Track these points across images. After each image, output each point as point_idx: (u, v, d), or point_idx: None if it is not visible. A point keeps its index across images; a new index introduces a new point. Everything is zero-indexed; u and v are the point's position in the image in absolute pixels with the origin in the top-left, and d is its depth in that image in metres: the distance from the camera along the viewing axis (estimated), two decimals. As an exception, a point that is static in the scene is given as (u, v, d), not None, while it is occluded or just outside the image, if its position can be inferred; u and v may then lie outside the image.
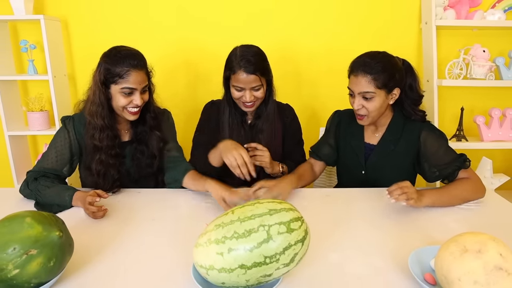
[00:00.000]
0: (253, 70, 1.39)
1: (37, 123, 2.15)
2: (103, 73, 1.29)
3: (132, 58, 1.29)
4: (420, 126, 1.40)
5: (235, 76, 1.41)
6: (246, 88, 1.41)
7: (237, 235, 0.78)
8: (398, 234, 1.08)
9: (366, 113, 1.35)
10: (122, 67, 1.27)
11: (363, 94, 1.32)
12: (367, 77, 1.30)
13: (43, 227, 0.81)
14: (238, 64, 1.39)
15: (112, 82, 1.30)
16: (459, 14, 2.07)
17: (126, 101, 1.31)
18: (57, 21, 2.15)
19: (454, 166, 1.31)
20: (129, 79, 1.29)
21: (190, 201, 1.33)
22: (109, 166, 1.35)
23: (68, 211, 1.24)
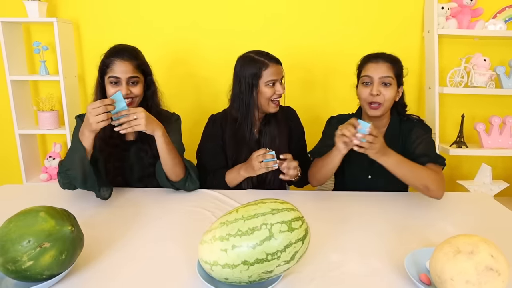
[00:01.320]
0: (278, 60, 1.45)
1: (47, 122, 2.18)
2: (99, 68, 1.39)
3: (120, 50, 1.38)
4: (413, 123, 1.45)
5: (268, 71, 1.42)
6: (277, 80, 1.44)
7: (241, 232, 0.81)
8: (396, 237, 1.10)
9: (382, 101, 1.36)
10: (108, 58, 1.36)
11: (383, 79, 1.35)
12: (388, 64, 1.36)
13: (56, 222, 0.84)
14: (265, 59, 1.43)
15: (104, 74, 1.37)
16: (461, 23, 2.10)
17: (113, 91, 1.35)
18: (69, 24, 2.19)
19: (426, 158, 1.33)
20: (113, 68, 1.34)
21: (197, 202, 1.35)
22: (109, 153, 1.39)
23: (80, 208, 1.25)
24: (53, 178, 2.28)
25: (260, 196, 1.38)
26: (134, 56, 1.39)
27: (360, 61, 1.45)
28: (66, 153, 1.34)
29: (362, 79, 1.41)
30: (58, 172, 1.34)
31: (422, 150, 1.37)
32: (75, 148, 1.26)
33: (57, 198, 1.37)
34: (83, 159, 1.24)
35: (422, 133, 1.42)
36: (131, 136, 1.49)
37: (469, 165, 2.27)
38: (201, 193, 1.44)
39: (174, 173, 1.38)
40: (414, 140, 1.40)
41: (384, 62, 1.37)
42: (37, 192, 1.48)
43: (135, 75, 1.38)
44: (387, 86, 1.36)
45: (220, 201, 1.37)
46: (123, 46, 1.41)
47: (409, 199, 1.40)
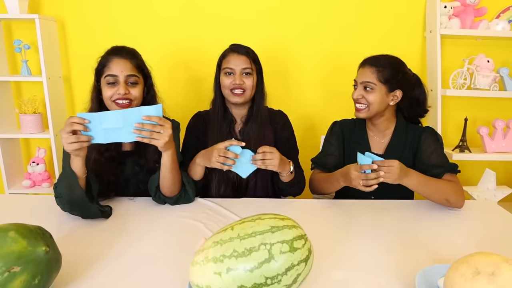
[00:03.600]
0: (244, 52, 1.44)
1: (30, 126, 2.11)
2: (95, 70, 1.32)
3: (118, 49, 1.32)
4: (422, 129, 1.46)
5: (226, 59, 1.45)
6: (236, 71, 1.42)
7: (237, 253, 0.74)
8: (403, 251, 1.05)
9: (366, 105, 1.40)
10: (105, 57, 1.31)
11: (365, 84, 1.38)
12: (372, 69, 1.38)
13: (27, 242, 0.77)
14: (229, 50, 1.46)
15: (101, 75, 1.30)
16: (463, 23, 2.06)
17: (111, 92, 1.27)
18: (53, 21, 2.12)
19: (442, 169, 1.35)
20: (110, 66, 1.29)
21: (188, 212, 1.29)
22: (104, 167, 1.31)
23: (59, 221, 1.18)
24: (36, 184, 2.21)
25: (256, 205, 1.37)
26: (133, 54, 1.33)
27: None
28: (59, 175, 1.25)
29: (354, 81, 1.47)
30: (55, 196, 1.25)
31: (436, 160, 1.38)
32: (65, 172, 1.18)
33: (37, 210, 1.30)
34: (74, 187, 1.15)
35: (433, 141, 1.42)
36: (128, 145, 1.41)
37: (472, 170, 2.23)
38: (195, 203, 1.38)
39: (169, 190, 1.32)
40: (426, 149, 1.40)
41: (369, 68, 1.39)
42: (15, 203, 1.40)
43: (134, 74, 1.31)
44: (367, 91, 1.39)
45: (213, 211, 1.31)
46: (121, 46, 1.36)
47: (413, 207, 1.37)
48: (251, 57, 1.44)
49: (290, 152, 1.54)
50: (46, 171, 2.22)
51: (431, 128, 1.48)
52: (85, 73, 1.77)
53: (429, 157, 1.39)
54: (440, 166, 1.36)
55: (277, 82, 2.19)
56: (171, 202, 1.34)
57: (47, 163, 2.24)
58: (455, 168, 1.36)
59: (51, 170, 2.25)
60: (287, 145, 1.55)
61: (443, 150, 1.42)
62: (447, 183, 1.32)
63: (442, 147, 1.42)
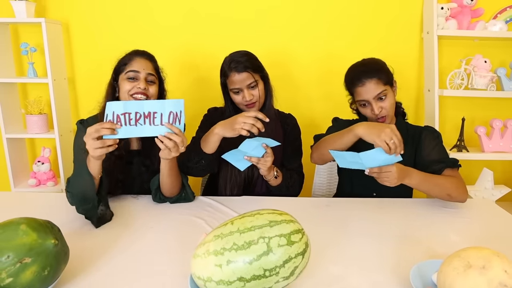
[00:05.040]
0: (243, 68, 1.42)
1: (35, 126, 2.13)
2: (114, 68, 1.36)
3: (140, 51, 1.39)
4: (422, 128, 1.46)
5: (230, 80, 1.44)
6: (243, 88, 1.43)
7: (237, 246, 0.76)
8: (399, 247, 1.06)
9: (386, 113, 1.38)
10: (128, 56, 1.36)
11: (378, 96, 1.36)
12: (374, 80, 1.35)
13: (38, 235, 0.80)
14: (229, 68, 1.44)
15: (120, 73, 1.34)
16: (460, 24, 2.07)
17: (130, 86, 1.32)
18: (58, 24, 2.14)
19: (442, 164, 1.35)
20: (132, 63, 1.33)
21: (190, 210, 1.31)
22: (113, 165, 1.33)
23: (67, 218, 1.20)
24: (42, 183, 2.23)
25: (255, 202, 1.40)
26: (153, 58, 1.41)
27: (346, 83, 1.44)
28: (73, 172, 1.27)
29: (358, 102, 1.42)
30: (66, 190, 1.27)
31: (436, 156, 1.39)
32: (80, 172, 1.19)
33: (45, 207, 1.32)
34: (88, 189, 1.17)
35: (433, 138, 1.43)
36: (136, 144, 1.44)
37: (470, 170, 2.22)
38: (196, 202, 1.40)
39: (169, 192, 1.35)
40: (427, 146, 1.41)
41: (370, 81, 1.35)
42: (24, 200, 1.42)
43: (154, 73, 1.37)
44: (383, 100, 1.37)
45: (214, 208, 1.33)
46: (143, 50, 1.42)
47: (410, 205, 1.37)
48: (251, 70, 1.42)
49: (295, 154, 1.59)
50: (51, 170, 2.24)
51: (430, 127, 1.49)
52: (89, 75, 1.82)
53: (429, 153, 1.39)
54: (440, 161, 1.36)
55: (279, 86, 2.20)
56: (171, 201, 1.36)
57: (52, 163, 2.26)
58: (456, 163, 1.35)
59: (55, 169, 2.27)
60: (293, 147, 1.59)
61: (443, 146, 1.42)
62: (448, 178, 1.31)
63: (442, 143, 1.42)
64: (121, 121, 1.13)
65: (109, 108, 1.12)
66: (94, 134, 1.09)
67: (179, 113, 1.18)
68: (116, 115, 1.12)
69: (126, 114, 1.13)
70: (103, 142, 1.10)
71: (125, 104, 1.13)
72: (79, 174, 1.19)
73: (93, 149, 1.10)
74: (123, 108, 1.13)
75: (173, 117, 1.17)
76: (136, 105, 1.14)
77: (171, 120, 1.17)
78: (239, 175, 1.49)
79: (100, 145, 1.10)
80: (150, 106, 1.15)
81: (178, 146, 1.18)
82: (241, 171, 1.48)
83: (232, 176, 1.49)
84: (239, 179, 1.49)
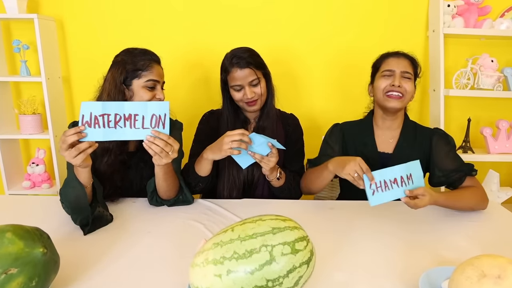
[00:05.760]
0: (246, 64, 1.39)
1: (29, 126, 2.09)
2: (123, 70, 1.26)
3: (151, 53, 1.33)
4: (432, 130, 1.43)
5: (231, 76, 1.40)
6: (244, 85, 1.39)
7: (237, 255, 0.73)
8: (406, 252, 1.03)
9: (404, 93, 1.38)
10: (144, 61, 1.28)
11: (404, 74, 1.38)
12: (407, 60, 1.40)
13: (25, 243, 0.76)
14: (230, 63, 1.40)
15: (134, 77, 1.27)
16: (467, 22, 2.03)
17: (150, 95, 1.27)
18: (52, 21, 2.10)
19: (461, 173, 1.33)
20: (153, 71, 1.29)
21: (189, 213, 1.27)
22: (114, 170, 1.30)
23: (56, 224, 1.17)
24: (36, 185, 2.19)
25: (256, 205, 1.36)
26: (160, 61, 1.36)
27: (379, 58, 1.47)
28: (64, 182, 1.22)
29: (382, 73, 1.41)
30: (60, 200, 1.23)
31: (453, 164, 1.36)
32: (70, 181, 1.15)
33: (38, 211, 1.29)
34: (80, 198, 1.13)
35: (445, 143, 1.40)
36: (132, 146, 1.39)
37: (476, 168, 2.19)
38: (193, 203, 1.36)
39: (166, 195, 1.31)
40: (438, 153, 1.39)
41: (404, 59, 1.40)
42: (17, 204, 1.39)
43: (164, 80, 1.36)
44: (408, 80, 1.39)
45: (214, 212, 1.29)
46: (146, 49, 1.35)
47: None
48: (254, 66, 1.39)
49: (297, 155, 1.55)
50: (46, 172, 2.20)
51: (441, 130, 1.46)
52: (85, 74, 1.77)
53: (443, 161, 1.37)
54: (458, 170, 1.34)
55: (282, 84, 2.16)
56: (168, 204, 1.33)
57: (47, 164, 2.22)
58: (474, 170, 1.35)
59: (51, 171, 2.23)
60: (295, 148, 1.55)
61: (456, 151, 1.40)
62: (470, 192, 1.30)
63: (454, 148, 1.41)
64: (99, 123, 1.06)
65: (86, 108, 1.05)
66: (63, 145, 1.03)
67: (163, 116, 1.11)
68: (94, 116, 1.05)
69: (104, 116, 1.06)
70: (77, 148, 1.04)
71: (104, 105, 1.07)
72: (70, 184, 1.15)
73: (72, 159, 1.04)
74: (101, 109, 1.06)
75: (156, 120, 1.10)
76: (115, 106, 1.07)
77: (153, 124, 1.10)
78: (238, 178, 1.45)
79: (76, 152, 1.04)
80: (132, 107, 1.09)
81: (165, 151, 1.11)
82: (241, 174, 1.45)
83: (230, 178, 1.45)
84: (238, 181, 1.45)
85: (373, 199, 1.17)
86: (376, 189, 1.18)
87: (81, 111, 1.05)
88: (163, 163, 1.15)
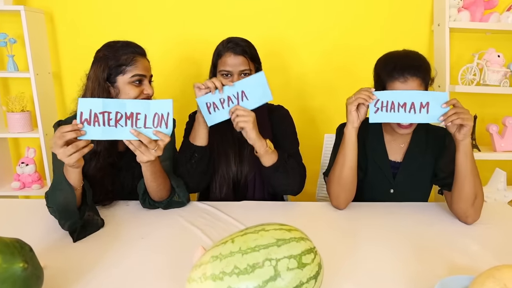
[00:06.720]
0: (241, 51, 1.33)
1: (18, 124, 2.01)
2: (106, 67, 1.18)
3: (134, 45, 1.24)
4: (445, 132, 1.25)
5: (222, 60, 1.34)
6: (234, 73, 1.32)
7: (238, 270, 0.67)
8: (416, 258, 0.99)
9: None
10: (127, 54, 1.19)
11: None
12: (418, 81, 1.17)
13: (3, 258, 0.70)
14: (225, 47, 1.34)
15: (119, 74, 1.19)
16: (473, 16, 1.98)
17: (137, 91, 1.20)
18: (41, 13, 2.02)
19: None
20: (138, 65, 1.20)
21: (185, 217, 1.21)
22: (104, 174, 1.23)
23: (43, 230, 1.10)
24: (26, 186, 2.12)
25: (256, 208, 1.29)
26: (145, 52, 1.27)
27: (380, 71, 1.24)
28: (51, 184, 1.16)
29: None
30: (46, 205, 1.17)
31: None
32: (58, 183, 1.08)
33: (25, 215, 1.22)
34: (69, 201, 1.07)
35: None
36: (122, 146, 1.32)
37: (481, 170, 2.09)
38: (190, 205, 1.31)
39: (157, 196, 1.24)
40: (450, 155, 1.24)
41: (413, 80, 1.16)
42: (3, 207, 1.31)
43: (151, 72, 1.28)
44: None
45: (211, 215, 1.23)
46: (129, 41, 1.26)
47: (422, 210, 1.31)
48: (249, 56, 1.34)
49: (290, 144, 1.45)
50: (36, 172, 2.13)
51: None
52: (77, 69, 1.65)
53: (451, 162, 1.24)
54: None
55: (276, 77, 2.10)
56: (162, 207, 1.26)
57: (37, 164, 2.14)
58: None
59: (41, 170, 2.16)
60: (286, 136, 1.46)
61: None
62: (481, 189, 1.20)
63: None
64: (99, 120, 1.01)
65: (85, 105, 1.00)
66: (59, 141, 0.97)
67: (166, 115, 1.07)
68: (94, 113, 1.00)
69: (105, 113, 1.01)
70: (75, 146, 0.98)
71: (104, 102, 1.01)
72: (58, 186, 1.08)
73: (66, 157, 0.98)
74: (102, 107, 1.01)
75: (158, 119, 1.06)
76: (117, 104, 1.02)
77: (155, 123, 1.06)
78: (227, 174, 1.40)
79: (73, 150, 0.97)
80: (134, 106, 1.04)
81: (145, 146, 1.06)
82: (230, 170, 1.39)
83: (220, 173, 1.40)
84: (227, 177, 1.40)
85: (373, 116, 1.15)
86: (381, 108, 1.14)
87: (79, 107, 1.00)
88: (144, 160, 1.09)
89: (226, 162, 1.39)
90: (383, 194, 1.37)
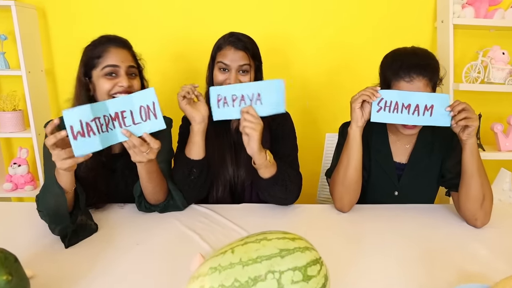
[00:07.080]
0: (243, 46, 1.28)
1: (9, 124, 1.97)
2: (83, 61, 1.16)
3: (111, 38, 1.19)
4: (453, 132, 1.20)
5: (222, 53, 1.28)
6: (232, 68, 1.26)
7: (239, 284, 0.63)
8: (424, 265, 0.95)
9: None
10: (101, 47, 1.15)
11: None
12: (424, 81, 1.12)
13: None
14: (226, 41, 1.29)
15: (92, 67, 1.14)
16: (477, 12, 1.94)
17: (110, 84, 1.13)
18: (32, 9, 1.97)
19: None
20: (109, 56, 1.14)
21: (182, 221, 1.17)
22: (97, 174, 1.18)
23: (34, 235, 1.06)
24: (18, 187, 2.07)
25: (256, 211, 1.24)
26: (129, 45, 1.21)
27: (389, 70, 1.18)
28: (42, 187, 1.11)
29: None
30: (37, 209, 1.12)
31: None
32: (49, 186, 1.03)
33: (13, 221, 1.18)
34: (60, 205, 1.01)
35: None
36: (117, 147, 1.27)
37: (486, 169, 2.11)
38: (187, 209, 1.26)
39: (153, 198, 1.20)
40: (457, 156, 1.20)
41: (420, 80, 1.12)
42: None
43: (134, 64, 1.19)
44: None
45: (210, 219, 1.19)
46: (111, 35, 1.22)
47: (427, 212, 1.26)
48: (250, 53, 1.28)
49: (288, 149, 1.40)
50: (29, 172, 2.08)
51: None
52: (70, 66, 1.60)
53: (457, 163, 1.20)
54: None
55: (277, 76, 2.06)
56: (159, 210, 1.22)
57: (30, 164, 2.10)
58: None
59: (34, 171, 2.11)
60: (285, 141, 1.41)
61: None
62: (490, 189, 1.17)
63: None
64: (93, 129, 0.93)
65: (72, 117, 0.90)
66: (48, 141, 0.91)
67: (152, 105, 1.00)
68: (85, 123, 0.91)
69: (96, 120, 0.94)
70: (69, 151, 0.92)
71: (92, 108, 0.93)
72: (49, 188, 1.03)
73: (60, 161, 0.93)
74: (91, 113, 0.92)
75: (145, 112, 1.00)
76: (100, 106, 0.96)
77: (143, 116, 1.00)
78: (223, 175, 1.35)
79: (68, 155, 0.92)
80: (115, 105, 0.98)
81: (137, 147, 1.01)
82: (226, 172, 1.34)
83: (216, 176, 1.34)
84: (223, 178, 1.35)
85: (375, 115, 1.13)
86: (384, 107, 1.12)
87: (67, 121, 0.89)
88: (137, 160, 1.05)
89: (223, 165, 1.34)
90: (387, 196, 1.32)
